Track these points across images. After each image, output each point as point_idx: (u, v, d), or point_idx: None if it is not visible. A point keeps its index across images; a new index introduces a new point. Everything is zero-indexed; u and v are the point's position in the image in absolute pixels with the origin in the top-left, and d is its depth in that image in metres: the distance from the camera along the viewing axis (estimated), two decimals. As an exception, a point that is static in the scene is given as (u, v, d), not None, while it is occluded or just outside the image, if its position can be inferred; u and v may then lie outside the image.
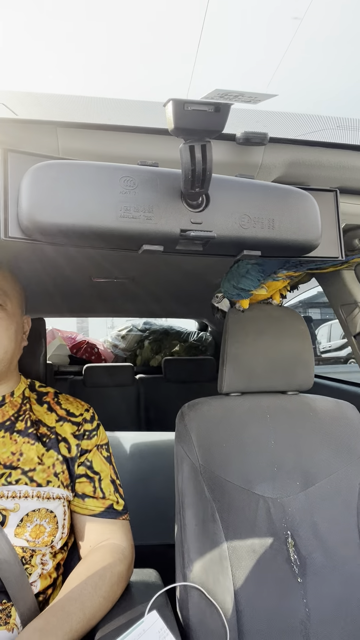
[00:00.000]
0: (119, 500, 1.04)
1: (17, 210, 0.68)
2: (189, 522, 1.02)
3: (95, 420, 1.09)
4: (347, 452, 1.15)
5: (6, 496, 0.92)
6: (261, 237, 0.75)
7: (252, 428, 1.15)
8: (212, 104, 0.62)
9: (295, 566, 1.02)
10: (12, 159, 0.69)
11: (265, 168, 0.86)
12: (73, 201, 0.67)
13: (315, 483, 1.11)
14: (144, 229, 0.69)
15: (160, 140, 0.79)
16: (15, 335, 1.01)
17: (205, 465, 1.08)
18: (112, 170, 0.69)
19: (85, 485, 1.01)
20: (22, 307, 1.07)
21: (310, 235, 0.79)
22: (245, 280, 1.15)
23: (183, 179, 0.68)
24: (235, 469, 1.09)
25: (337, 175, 0.90)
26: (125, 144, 0.79)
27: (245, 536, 1.03)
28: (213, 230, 0.72)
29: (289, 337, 1.21)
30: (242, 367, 1.18)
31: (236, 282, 1.16)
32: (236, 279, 1.16)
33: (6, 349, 0.98)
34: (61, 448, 1.01)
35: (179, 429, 1.14)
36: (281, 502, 1.08)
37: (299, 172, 0.89)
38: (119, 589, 0.94)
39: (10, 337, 0.98)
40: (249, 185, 0.77)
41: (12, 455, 0.96)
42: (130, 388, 3.01)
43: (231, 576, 0.99)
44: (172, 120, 0.62)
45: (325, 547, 1.04)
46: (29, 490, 0.94)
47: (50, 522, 0.95)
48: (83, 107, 0.82)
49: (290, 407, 1.20)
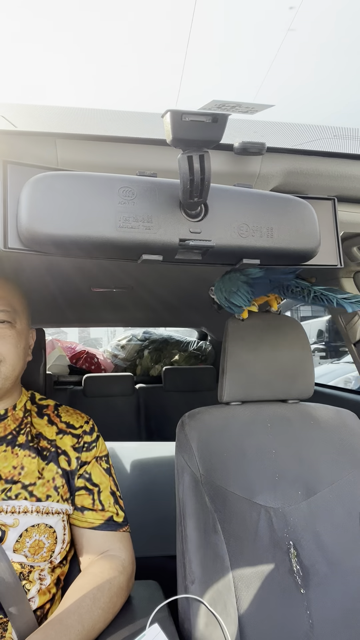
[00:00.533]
0: (119, 512, 1.03)
1: (16, 221, 0.68)
2: (190, 533, 1.01)
3: (95, 432, 1.08)
4: (348, 460, 1.14)
5: (5, 511, 0.91)
6: (260, 245, 0.76)
7: (253, 437, 1.14)
8: (209, 115, 0.62)
9: (298, 577, 1.01)
10: (11, 171, 0.69)
11: (263, 177, 0.86)
12: (72, 212, 0.67)
13: (317, 492, 1.10)
14: (143, 238, 0.69)
15: (158, 150, 0.80)
16: (24, 352, 1.01)
17: (206, 475, 1.07)
18: (110, 181, 0.70)
19: (84, 497, 1.01)
20: (29, 322, 1.07)
21: (308, 244, 0.79)
22: (236, 297, 1.16)
23: (182, 189, 0.68)
24: (236, 478, 1.08)
25: (334, 184, 0.91)
26: (123, 154, 0.80)
27: (247, 547, 1.02)
28: (212, 240, 0.72)
29: (289, 345, 1.21)
30: (242, 376, 1.18)
31: (227, 295, 1.17)
32: (227, 291, 1.17)
33: (15, 367, 0.98)
34: (61, 461, 1.00)
35: (179, 438, 1.14)
36: (283, 511, 1.07)
37: (297, 181, 0.89)
38: (119, 601, 0.93)
39: (19, 354, 0.98)
40: (248, 194, 0.77)
41: (14, 469, 0.95)
42: (130, 398, 3.00)
43: (233, 588, 0.98)
44: (170, 131, 0.63)
45: (328, 557, 1.03)
46: (29, 505, 0.93)
47: (50, 538, 0.94)
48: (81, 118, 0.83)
49: (290, 416, 1.20)
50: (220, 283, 1.19)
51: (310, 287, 1.08)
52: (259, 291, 1.15)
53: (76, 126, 0.79)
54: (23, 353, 1.00)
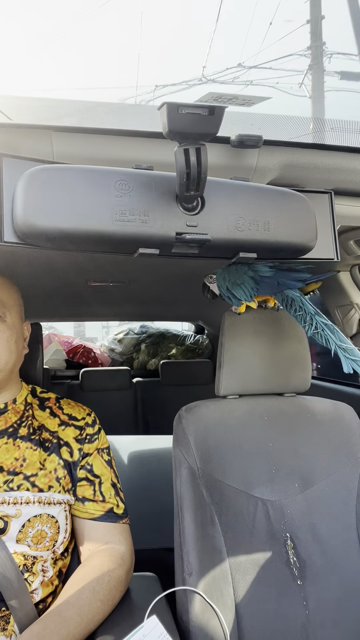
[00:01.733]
0: (119, 504, 1.04)
1: (12, 215, 0.68)
2: (188, 526, 1.02)
3: (97, 425, 1.09)
4: (345, 453, 1.15)
5: (7, 502, 0.92)
6: (257, 239, 0.75)
7: (249, 430, 1.15)
8: (206, 107, 0.62)
9: (295, 569, 1.02)
10: (6, 164, 0.69)
11: (260, 170, 0.86)
12: (68, 205, 0.67)
13: (313, 485, 1.10)
14: (139, 232, 0.69)
15: (154, 143, 0.80)
16: (16, 346, 1.00)
17: (204, 469, 1.07)
18: (106, 174, 0.69)
19: (85, 488, 1.01)
20: (22, 315, 1.07)
21: (305, 237, 0.79)
22: (239, 290, 1.14)
23: (178, 182, 0.68)
24: (233, 471, 1.09)
25: (331, 177, 0.91)
26: (119, 147, 0.79)
27: (245, 539, 1.03)
28: (208, 233, 0.72)
29: (286, 339, 1.21)
30: (239, 369, 1.18)
31: (230, 286, 1.16)
32: (231, 282, 1.16)
33: (7, 361, 0.97)
34: (63, 452, 1.00)
35: (176, 432, 1.14)
36: (280, 504, 1.07)
37: (294, 174, 0.89)
38: (118, 594, 0.93)
39: (10, 348, 0.98)
40: (244, 187, 0.77)
41: (15, 461, 0.96)
42: (128, 392, 3.00)
43: (231, 580, 0.99)
44: (166, 124, 0.62)
45: (325, 549, 1.04)
46: (30, 496, 0.93)
47: (52, 527, 0.95)
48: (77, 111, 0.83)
49: (287, 409, 1.20)
50: (225, 272, 1.17)
51: (314, 315, 1.06)
52: (264, 290, 1.14)
53: (72, 119, 0.79)
54: (15, 346, 1.00)
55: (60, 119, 0.77)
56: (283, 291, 1.13)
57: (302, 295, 1.12)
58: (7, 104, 0.76)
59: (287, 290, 1.12)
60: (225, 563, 1.00)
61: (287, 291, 1.12)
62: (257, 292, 1.14)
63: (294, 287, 1.11)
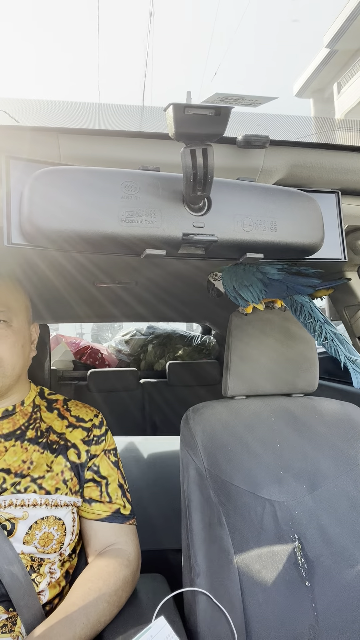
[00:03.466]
0: (126, 505, 1.04)
1: (19, 216, 0.68)
2: (196, 527, 1.02)
3: (104, 426, 1.09)
4: (353, 454, 1.14)
5: (15, 504, 0.92)
6: (263, 239, 0.75)
7: (257, 431, 1.15)
8: (212, 108, 0.62)
9: (303, 570, 1.01)
10: (14, 166, 0.69)
11: (267, 171, 0.86)
12: (75, 207, 0.67)
13: (321, 486, 1.10)
14: (146, 233, 0.69)
15: (161, 144, 0.80)
16: (23, 350, 1.00)
17: (211, 469, 1.07)
18: (113, 175, 0.69)
19: (92, 489, 1.01)
20: (29, 318, 1.07)
21: (312, 237, 0.79)
22: (246, 291, 1.13)
23: (184, 183, 0.68)
24: (241, 472, 1.08)
25: (339, 177, 0.90)
26: (126, 149, 0.80)
27: (252, 540, 1.02)
28: (215, 234, 0.72)
29: (293, 339, 1.21)
30: (246, 370, 1.18)
31: (237, 286, 1.15)
32: (238, 283, 1.15)
33: (14, 366, 0.98)
34: (70, 454, 1.01)
35: (184, 433, 1.14)
36: (288, 505, 1.07)
37: (301, 174, 0.89)
38: (124, 595, 0.93)
39: (17, 353, 0.98)
40: (251, 188, 0.77)
41: (23, 463, 0.96)
42: (135, 392, 3.01)
43: (238, 581, 0.98)
44: (173, 125, 0.62)
45: (333, 550, 1.04)
46: (37, 498, 0.94)
47: (59, 530, 0.95)
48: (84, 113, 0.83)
49: (295, 410, 1.20)
50: (232, 271, 1.16)
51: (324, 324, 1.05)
52: (272, 293, 1.13)
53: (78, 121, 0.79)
54: (21, 351, 1.00)
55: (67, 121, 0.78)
56: (292, 296, 1.12)
57: (311, 301, 1.11)
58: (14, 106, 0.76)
59: (297, 295, 1.11)
60: (233, 564, 0.99)
61: (296, 296, 1.11)
62: (265, 295, 1.13)
63: (303, 292, 1.10)
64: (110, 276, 1.76)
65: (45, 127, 0.76)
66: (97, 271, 1.67)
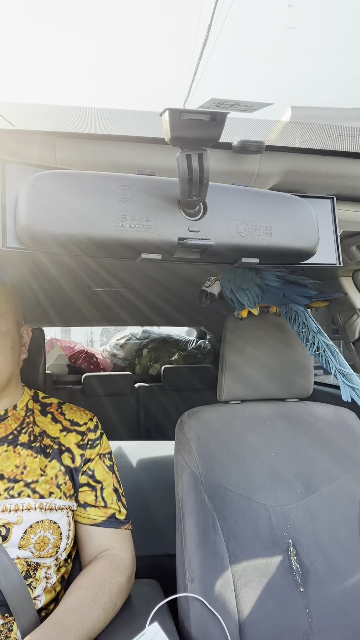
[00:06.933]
0: (121, 510, 1.03)
1: (14, 220, 0.68)
2: (190, 532, 1.01)
3: (99, 430, 1.08)
4: (347, 459, 1.14)
5: (9, 510, 0.91)
6: (259, 244, 0.76)
7: (252, 436, 1.15)
8: (208, 113, 0.62)
9: (297, 575, 1.01)
10: (9, 170, 0.69)
11: (262, 176, 0.86)
12: (71, 211, 0.67)
13: (316, 491, 1.10)
14: (142, 237, 0.69)
15: (157, 149, 0.80)
16: (12, 352, 1.00)
17: (206, 474, 1.07)
18: (109, 179, 0.70)
19: (87, 494, 1.01)
20: (20, 320, 1.06)
21: (307, 242, 0.79)
22: (243, 295, 1.14)
23: (180, 188, 0.68)
24: (235, 477, 1.08)
25: (333, 182, 0.91)
26: (122, 153, 0.80)
27: (247, 545, 1.02)
28: (211, 238, 0.72)
29: (288, 344, 1.21)
30: (241, 374, 1.18)
31: (234, 289, 1.16)
32: (236, 286, 1.15)
33: (2, 369, 0.97)
34: (64, 459, 1.00)
35: (178, 437, 1.14)
36: (282, 510, 1.07)
37: (296, 180, 0.89)
38: (119, 600, 0.93)
39: (5, 355, 0.98)
40: (246, 193, 0.77)
41: (16, 468, 0.95)
42: (130, 397, 3.00)
43: (233, 586, 0.98)
44: (168, 130, 0.63)
45: (327, 555, 1.04)
46: (31, 502, 0.93)
47: (54, 533, 0.94)
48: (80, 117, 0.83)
49: (289, 415, 1.20)
50: (231, 273, 1.17)
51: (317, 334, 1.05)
52: (269, 299, 1.13)
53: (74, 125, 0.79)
54: (11, 353, 0.99)
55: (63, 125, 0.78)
56: (288, 304, 1.12)
57: (306, 310, 1.11)
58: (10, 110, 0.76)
59: (292, 303, 1.11)
60: (228, 569, 0.99)
61: (291, 304, 1.12)
62: (262, 300, 1.14)
63: (299, 302, 1.10)
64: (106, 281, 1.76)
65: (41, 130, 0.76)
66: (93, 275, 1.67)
